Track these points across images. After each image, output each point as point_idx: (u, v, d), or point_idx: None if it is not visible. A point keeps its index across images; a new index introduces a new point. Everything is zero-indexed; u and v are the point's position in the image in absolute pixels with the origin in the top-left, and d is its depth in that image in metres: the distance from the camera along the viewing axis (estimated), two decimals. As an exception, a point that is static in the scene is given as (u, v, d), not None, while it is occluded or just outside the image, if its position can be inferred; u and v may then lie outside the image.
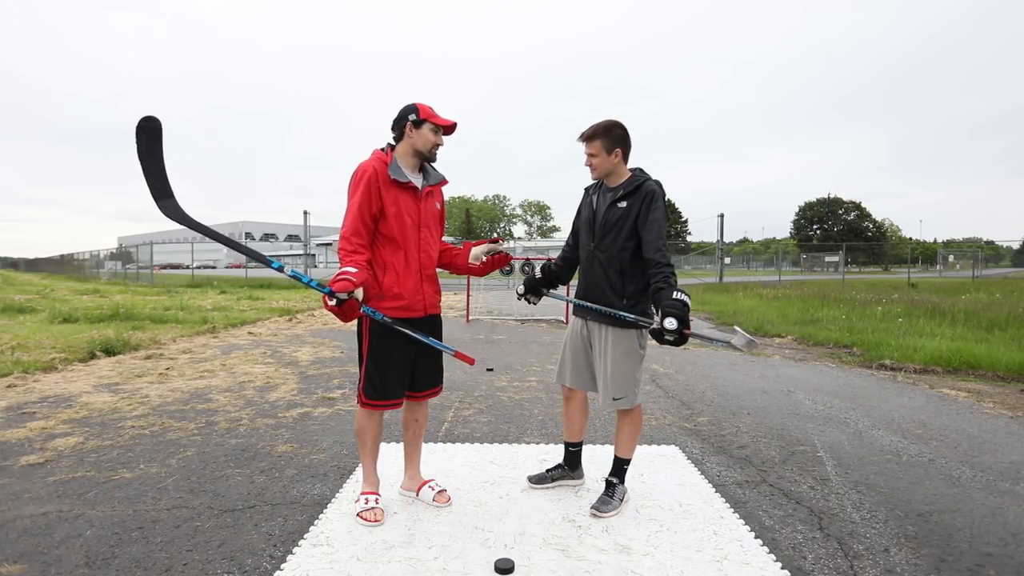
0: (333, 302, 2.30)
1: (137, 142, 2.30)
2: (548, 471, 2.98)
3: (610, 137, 2.61)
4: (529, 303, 3.03)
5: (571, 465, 2.97)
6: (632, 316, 2.55)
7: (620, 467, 2.76)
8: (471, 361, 2.60)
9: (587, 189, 2.83)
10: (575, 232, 2.89)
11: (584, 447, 3.09)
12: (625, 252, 2.59)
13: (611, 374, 2.62)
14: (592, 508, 2.65)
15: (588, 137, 2.64)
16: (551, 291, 3.04)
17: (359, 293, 2.33)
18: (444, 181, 2.69)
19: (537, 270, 3.07)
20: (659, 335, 2.30)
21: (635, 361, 2.64)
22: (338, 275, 2.31)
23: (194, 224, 2.43)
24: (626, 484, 2.80)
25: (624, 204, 2.59)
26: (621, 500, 2.70)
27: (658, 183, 2.62)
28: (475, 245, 2.80)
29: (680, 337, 2.25)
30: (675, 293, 2.31)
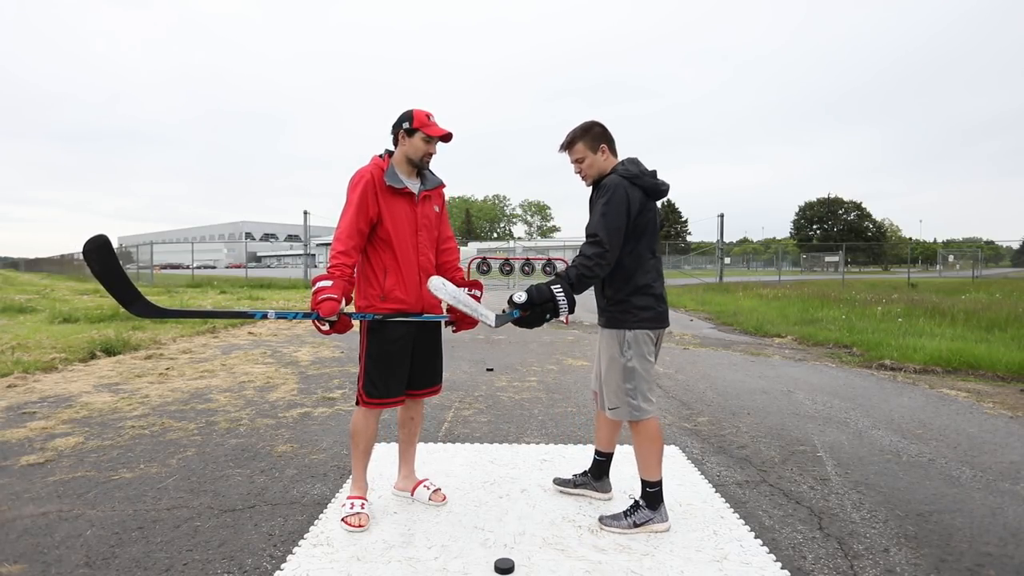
0: (325, 326, 2.35)
1: (89, 264, 2.21)
2: (574, 475, 2.89)
3: (591, 136, 2.51)
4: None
5: (596, 475, 2.82)
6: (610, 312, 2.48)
7: (643, 488, 2.49)
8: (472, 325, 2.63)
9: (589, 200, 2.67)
10: None
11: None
12: None
13: (604, 381, 2.56)
14: (600, 516, 2.54)
15: (569, 144, 2.54)
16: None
17: (343, 305, 2.38)
18: (442, 185, 2.71)
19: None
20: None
21: (616, 370, 2.46)
22: (319, 295, 2.32)
23: (168, 312, 2.44)
24: (656, 511, 2.46)
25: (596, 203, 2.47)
26: (634, 524, 2.45)
27: (629, 177, 2.42)
28: (466, 285, 2.68)
29: (525, 317, 2.30)
30: (556, 282, 2.31)
